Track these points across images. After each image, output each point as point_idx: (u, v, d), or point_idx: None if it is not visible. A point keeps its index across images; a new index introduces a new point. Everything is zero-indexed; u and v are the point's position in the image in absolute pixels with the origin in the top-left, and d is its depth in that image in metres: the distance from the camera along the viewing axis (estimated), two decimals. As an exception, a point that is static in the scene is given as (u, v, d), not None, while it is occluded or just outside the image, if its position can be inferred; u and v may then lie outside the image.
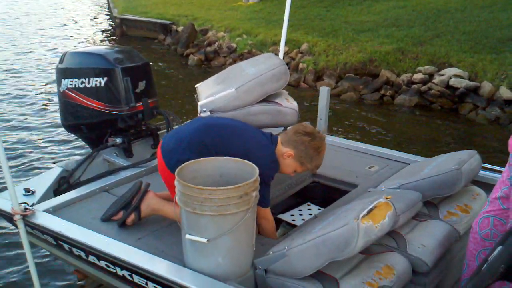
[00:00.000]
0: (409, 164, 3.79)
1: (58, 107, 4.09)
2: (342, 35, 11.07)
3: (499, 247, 2.02)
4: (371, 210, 2.36)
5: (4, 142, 6.75)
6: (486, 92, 8.26)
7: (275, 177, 2.88)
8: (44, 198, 3.31)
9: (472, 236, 2.69)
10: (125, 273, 2.71)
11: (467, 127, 7.96)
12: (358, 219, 2.28)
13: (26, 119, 7.97)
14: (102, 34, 16.05)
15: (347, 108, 8.88)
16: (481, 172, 3.39)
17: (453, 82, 8.60)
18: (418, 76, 8.99)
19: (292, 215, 3.55)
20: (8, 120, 7.84)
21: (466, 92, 8.45)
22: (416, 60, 9.40)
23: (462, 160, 3.10)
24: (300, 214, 3.57)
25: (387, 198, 2.47)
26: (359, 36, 10.91)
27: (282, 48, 4.65)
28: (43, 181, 3.54)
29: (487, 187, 3.28)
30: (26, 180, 3.68)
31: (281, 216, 3.52)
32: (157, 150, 2.91)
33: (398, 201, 2.76)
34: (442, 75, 8.81)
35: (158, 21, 15.09)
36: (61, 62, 3.92)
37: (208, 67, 11.84)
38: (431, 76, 8.95)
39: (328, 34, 11.37)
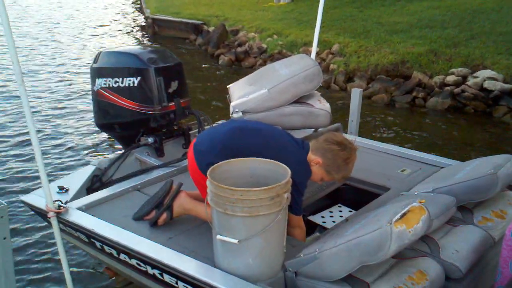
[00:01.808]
0: (442, 167, 3.73)
1: (92, 106, 4.15)
2: (374, 36, 10.96)
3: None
4: (404, 214, 2.33)
5: (40, 141, 6.88)
6: (522, 95, 8.09)
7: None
8: (77, 196, 3.36)
9: (506, 243, 2.62)
10: (156, 272, 2.73)
11: (501, 130, 7.79)
12: (391, 223, 2.25)
13: (60, 118, 8.11)
14: (134, 34, 16.23)
15: (378, 110, 8.79)
16: (518, 177, 3.31)
17: (487, 84, 8.42)
18: (451, 78, 8.84)
19: (323, 217, 3.53)
20: (43, 120, 7.98)
21: (500, 94, 8.27)
22: (449, 62, 9.24)
23: (498, 165, 3.04)
24: (331, 216, 3.54)
25: (421, 202, 2.43)
26: (391, 37, 10.78)
27: (314, 48, 4.63)
28: (77, 179, 3.59)
29: None
30: (60, 178, 3.73)
31: (311, 218, 3.50)
32: (189, 149, 2.91)
33: (432, 205, 2.71)
34: (476, 77, 8.64)
35: (190, 21, 15.18)
36: (95, 61, 3.98)
37: (239, 67, 11.86)
38: (464, 78, 8.79)
39: (359, 35, 11.27)
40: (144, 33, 16.24)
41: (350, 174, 2.84)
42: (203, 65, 12.14)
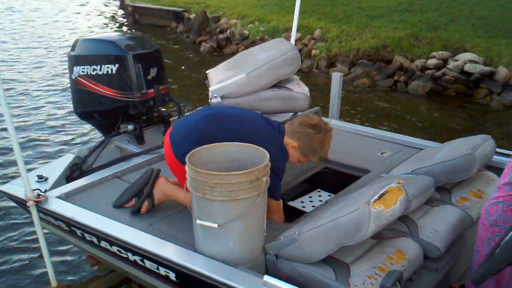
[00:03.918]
0: (422, 149, 3.76)
1: (70, 94, 4.11)
2: (355, 21, 10.98)
3: (511, 232, 2.00)
4: (382, 195, 2.34)
5: (17, 129, 6.81)
6: (502, 77, 8.16)
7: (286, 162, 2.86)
8: (56, 184, 3.34)
9: (481, 223, 2.67)
10: (137, 258, 2.72)
11: (482, 113, 7.87)
12: (369, 204, 2.26)
13: (38, 106, 8.02)
14: (114, 22, 16.06)
15: (360, 94, 8.82)
16: (495, 157, 3.35)
17: (467, 67, 8.49)
18: (432, 62, 8.89)
19: (302, 202, 3.54)
20: (21, 108, 7.89)
21: (481, 77, 8.34)
22: (430, 46, 9.30)
23: (476, 145, 3.07)
24: (310, 201, 3.56)
25: (399, 183, 2.45)
26: (372, 21, 10.80)
27: (293, 33, 4.62)
28: (56, 168, 3.56)
29: (501, 172, 3.24)
30: (39, 167, 3.70)
31: (291, 203, 3.51)
32: (165, 138, 2.90)
33: (411, 186, 2.74)
34: (457, 60, 8.71)
35: (170, 8, 15.06)
36: (73, 49, 3.93)
37: (220, 54, 11.82)
38: (445, 61, 8.85)
39: (341, 20, 11.28)
40: (125, 21, 16.07)
41: (327, 155, 2.85)
42: (185, 53, 12.07)
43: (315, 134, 2.72)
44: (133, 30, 14.68)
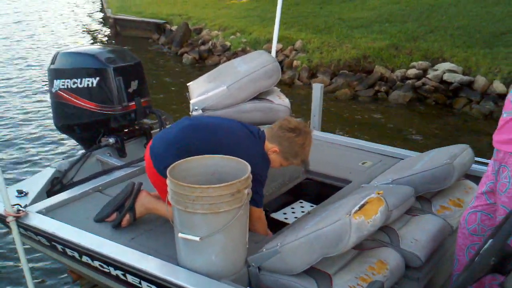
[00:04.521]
0: (402, 159, 3.80)
1: (50, 108, 4.08)
2: (336, 32, 11.08)
3: (490, 241, 2.02)
4: (363, 205, 2.36)
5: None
6: (480, 86, 8.27)
7: (268, 174, 2.86)
8: (37, 199, 3.30)
9: (461, 232, 2.70)
10: (119, 272, 2.70)
11: (461, 122, 7.97)
12: (350, 215, 2.28)
13: (18, 121, 7.94)
14: (95, 34, 16.01)
15: (342, 105, 8.88)
16: (474, 166, 3.39)
17: (447, 77, 8.61)
18: (412, 72, 9.00)
19: (285, 213, 3.55)
20: (0, 122, 7.80)
21: (460, 86, 8.46)
22: (410, 56, 9.41)
23: (455, 154, 3.11)
24: (293, 212, 3.57)
25: (378, 193, 2.47)
26: (353, 32, 10.91)
27: (274, 45, 4.65)
28: (36, 182, 3.52)
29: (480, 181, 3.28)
30: (19, 181, 3.66)
31: (273, 215, 3.52)
32: (146, 152, 2.88)
33: (391, 196, 2.76)
34: (436, 70, 8.82)
35: (152, 20, 15.06)
36: (53, 62, 3.91)
37: (202, 66, 11.82)
38: (425, 71, 8.96)
39: (322, 31, 11.37)
40: (106, 33, 16.02)
41: (308, 157, 2.87)
42: (167, 64, 12.06)
43: (295, 137, 2.74)
44: (116, 42, 14.63)
